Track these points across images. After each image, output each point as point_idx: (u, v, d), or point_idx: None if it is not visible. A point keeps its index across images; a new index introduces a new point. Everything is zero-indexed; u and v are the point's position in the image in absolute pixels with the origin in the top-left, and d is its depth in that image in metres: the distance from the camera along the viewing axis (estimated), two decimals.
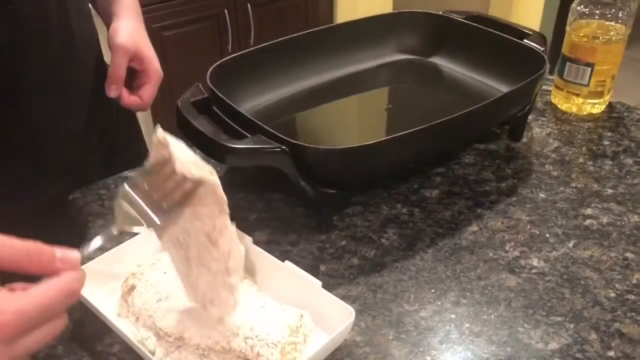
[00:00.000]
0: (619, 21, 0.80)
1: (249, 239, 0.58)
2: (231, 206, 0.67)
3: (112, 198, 0.68)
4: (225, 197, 0.45)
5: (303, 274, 0.53)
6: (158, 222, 0.44)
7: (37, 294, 0.39)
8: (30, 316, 0.38)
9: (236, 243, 0.47)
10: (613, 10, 0.80)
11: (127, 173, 0.72)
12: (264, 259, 0.56)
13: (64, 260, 0.40)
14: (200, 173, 0.43)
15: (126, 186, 0.44)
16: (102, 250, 0.44)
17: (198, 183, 0.43)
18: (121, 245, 0.57)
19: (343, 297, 0.55)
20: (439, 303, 0.55)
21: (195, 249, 0.46)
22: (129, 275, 0.55)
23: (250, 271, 0.56)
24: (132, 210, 0.44)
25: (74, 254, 0.41)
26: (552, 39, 2.36)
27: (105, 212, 0.66)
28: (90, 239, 0.44)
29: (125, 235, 0.62)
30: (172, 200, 0.43)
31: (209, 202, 0.44)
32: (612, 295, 0.56)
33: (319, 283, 0.52)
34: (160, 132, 0.43)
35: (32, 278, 0.40)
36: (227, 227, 0.46)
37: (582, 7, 0.82)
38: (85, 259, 0.43)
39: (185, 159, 0.43)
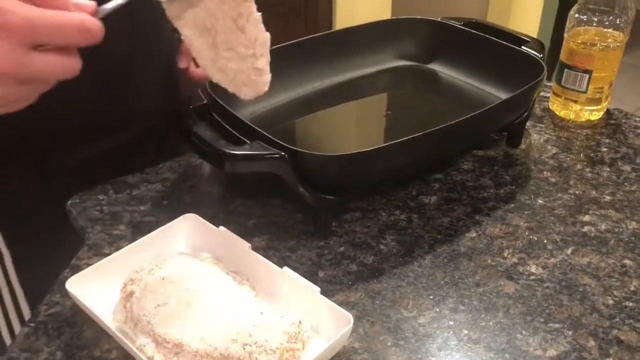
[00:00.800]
0: (617, 28, 0.81)
1: (247, 245, 0.58)
2: (229, 212, 0.67)
3: (111, 204, 0.68)
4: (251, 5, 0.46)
5: (302, 280, 0.53)
6: None
7: (49, 12, 0.39)
8: (40, 28, 0.39)
9: (261, 30, 0.48)
10: (611, 17, 0.80)
11: (130, 178, 0.73)
12: (262, 265, 0.56)
13: (79, 5, 0.41)
14: None
15: None
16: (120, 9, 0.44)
17: None
18: (120, 251, 0.57)
19: (341, 303, 0.55)
20: (438, 309, 0.55)
21: (223, 34, 0.47)
22: (128, 280, 0.55)
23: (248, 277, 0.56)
24: None
25: (88, 1, 0.42)
26: (550, 45, 2.37)
27: (104, 217, 0.66)
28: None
29: (124, 240, 0.62)
30: None
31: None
32: (611, 302, 0.56)
33: (317, 289, 0.52)
34: None
35: None
36: (253, 14, 0.47)
37: (580, 14, 0.82)
38: (101, 14, 0.42)
39: None
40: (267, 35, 0.48)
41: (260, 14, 0.48)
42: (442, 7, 2.46)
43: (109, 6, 0.44)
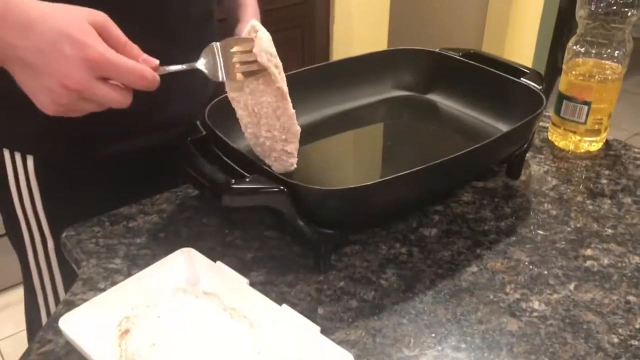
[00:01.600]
0: (615, 60, 0.81)
1: (245, 281, 0.57)
2: (227, 244, 0.66)
3: (107, 236, 0.67)
4: (285, 90, 0.59)
5: (301, 319, 0.52)
6: (220, 78, 0.58)
7: (122, 57, 0.52)
8: (111, 65, 0.51)
9: (294, 123, 0.62)
10: (609, 50, 0.80)
11: (126, 210, 0.72)
12: (260, 302, 0.55)
13: (146, 59, 0.54)
14: (267, 63, 0.57)
15: (215, 44, 0.58)
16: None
17: (264, 69, 0.57)
18: (115, 287, 0.56)
19: (341, 342, 0.54)
20: (440, 348, 0.54)
21: (265, 119, 0.60)
22: (123, 318, 0.54)
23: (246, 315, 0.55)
24: (211, 61, 0.58)
25: (154, 59, 0.55)
26: (545, 72, 2.39)
27: (99, 250, 0.65)
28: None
29: (120, 275, 0.61)
30: (244, 71, 0.58)
31: (272, 87, 0.58)
32: (615, 340, 0.55)
33: (317, 328, 0.51)
34: (255, 21, 0.58)
35: None
36: (288, 110, 0.60)
37: (578, 46, 0.82)
38: (161, 72, 0.55)
39: (264, 47, 0.57)
40: (299, 128, 0.63)
41: (294, 111, 0.61)
42: (438, 36, 2.49)
43: (169, 68, 0.56)
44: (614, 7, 0.78)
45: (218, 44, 0.58)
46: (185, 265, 0.59)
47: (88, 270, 0.63)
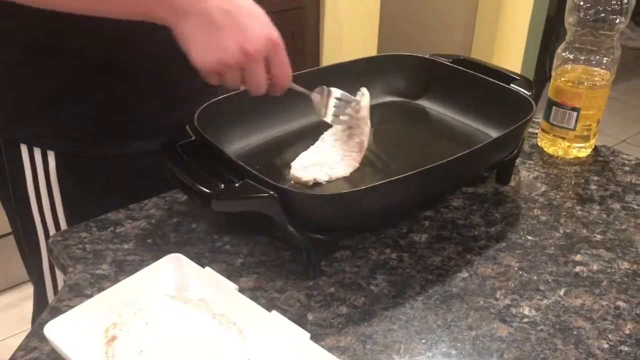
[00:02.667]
0: (603, 67, 0.81)
1: (234, 287, 0.56)
2: (216, 250, 0.66)
3: (94, 242, 0.66)
4: (364, 146, 0.75)
5: (290, 325, 0.52)
6: (323, 116, 0.74)
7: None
8: (282, 54, 0.60)
9: (349, 172, 0.73)
10: (597, 57, 0.81)
11: (113, 215, 0.71)
12: (250, 308, 0.54)
13: None
14: (361, 121, 0.74)
15: (327, 88, 0.72)
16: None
17: (356, 122, 0.74)
18: (102, 293, 0.55)
19: (331, 348, 0.53)
20: (430, 354, 0.54)
21: (340, 158, 0.74)
22: (110, 325, 0.53)
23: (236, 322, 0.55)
24: (319, 98, 0.73)
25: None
26: (534, 78, 2.40)
27: (87, 256, 0.64)
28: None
29: (107, 281, 0.60)
30: (341, 117, 0.74)
31: (356, 140, 0.75)
32: (606, 346, 0.55)
33: (307, 335, 0.51)
34: (364, 89, 0.75)
35: None
36: (355, 160, 0.74)
37: (567, 52, 0.83)
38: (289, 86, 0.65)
39: (366, 106, 0.74)
40: (348, 173, 0.74)
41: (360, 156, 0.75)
42: (427, 42, 2.50)
43: (294, 85, 0.66)
44: (603, 15, 0.78)
45: (331, 88, 0.71)
46: (173, 271, 0.58)
47: (74, 276, 0.62)
